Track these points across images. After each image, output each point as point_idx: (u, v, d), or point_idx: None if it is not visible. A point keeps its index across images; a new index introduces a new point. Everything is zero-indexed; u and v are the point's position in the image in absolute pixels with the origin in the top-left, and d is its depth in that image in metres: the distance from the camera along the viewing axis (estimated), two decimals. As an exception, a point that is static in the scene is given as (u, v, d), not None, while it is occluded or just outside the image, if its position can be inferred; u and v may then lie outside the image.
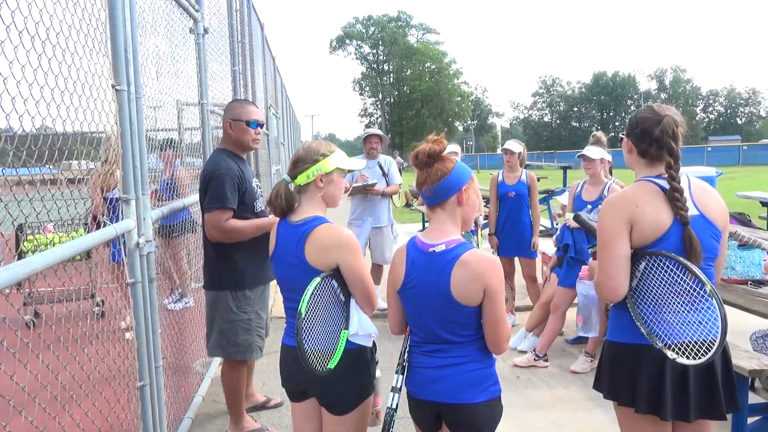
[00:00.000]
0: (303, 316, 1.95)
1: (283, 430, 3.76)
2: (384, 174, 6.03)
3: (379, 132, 6.07)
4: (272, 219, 3.35)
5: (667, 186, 2.09)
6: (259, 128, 3.40)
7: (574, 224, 4.27)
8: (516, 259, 5.71)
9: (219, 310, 3.34)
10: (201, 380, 4.22)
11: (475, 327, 2.04)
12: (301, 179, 2.22)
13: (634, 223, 2.08)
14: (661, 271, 2.06)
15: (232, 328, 3.33)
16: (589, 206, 4.64)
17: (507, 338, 2.06)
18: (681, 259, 2.01)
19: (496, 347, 2.05)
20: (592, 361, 4.60)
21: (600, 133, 5.36)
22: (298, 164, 2.22)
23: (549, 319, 4.86)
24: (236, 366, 3.47)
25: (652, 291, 2.11)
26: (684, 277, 2.01)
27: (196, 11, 4.25)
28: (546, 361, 4.77)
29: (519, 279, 5.85)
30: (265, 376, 4.60)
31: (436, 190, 2.04)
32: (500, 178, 5.69)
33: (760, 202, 8.23)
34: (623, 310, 2.19)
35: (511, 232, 5.59)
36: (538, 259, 5.89)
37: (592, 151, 4.72)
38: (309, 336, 1.99)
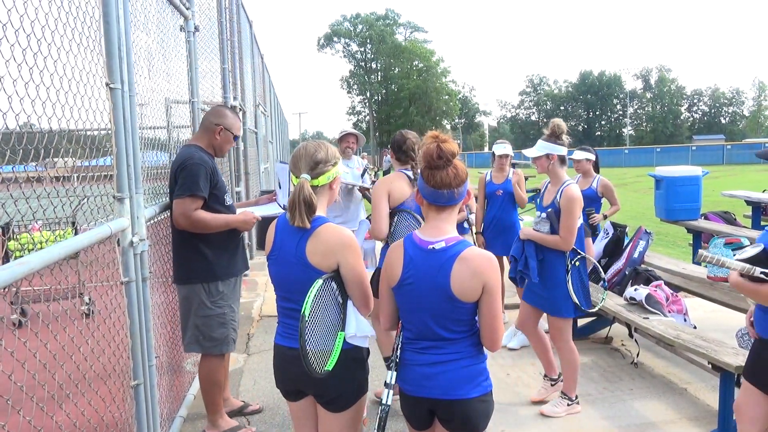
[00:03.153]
0: (306, 318, 1.96)
1: (273, 428, 3.76)
2: (362, 174, 6.00)
3: (356, 131, 5.98)
4: (240, 217, 3.39)
5: (411, 174, 3.73)
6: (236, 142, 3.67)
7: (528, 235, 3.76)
8: (504, 257, 5.74)
9: (193, 305, 3.36)
10: (192, 378, 4.22)
11: (469, 324, 2.07)
12: (323, 180, 2.21)
13: (390, 192, 3.63)
14: (403, 221, 3.64)
15: (207, 323, 3.36)
16: (543, 214, 3.82)
17: (502, 335, 2.09)
18: (413, 212, 3.57)
19: (492, 344, 2.08)
20: (569, 404, 3.91)
21: (558, 120, 3.90)
22: (320, 165, 2.20)
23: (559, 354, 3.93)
24: (214, 360, 3.47)
25: (399, 233, 3.59)
26: (414, 223, 3.54)
27: (187, 9, 4.24)
28: (578, 403, 3.94)
29: (506, 277, 5.90)
30: (257, 375, 4.60)
31: (460, 192, 2.09)
32: (488, 177, 5.73)
33: (745, 201, 8.33)
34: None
35: (500, 230, 5.63)
36: None
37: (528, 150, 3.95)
38: (310, 338, 2.00)
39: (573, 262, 3.73)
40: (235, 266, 3.48)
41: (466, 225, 5.41)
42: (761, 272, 2.27)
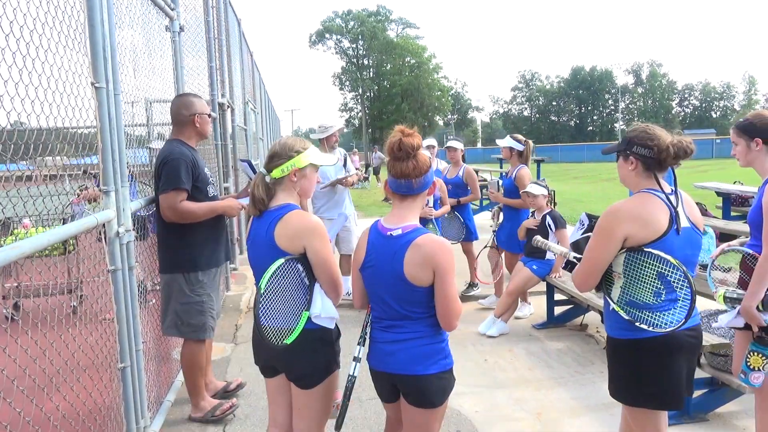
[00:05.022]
0: (261, 291, 2.15)
1: (258, 411, 3.92)
2: (344, 164, 6.38)
3: (330, 127, 6.35)
4: (225, 203, 3.59)
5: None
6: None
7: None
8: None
9: (173, 292, 3.53)
10: (180, 366, 4.37)
11: (427, 305, 2.22)
12: (276, 173, 2.38)
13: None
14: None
15: (186, 310, 3.53)
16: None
17: (457, 315, 2.23)
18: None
19: (447, 324, 2.23)
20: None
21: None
22: (274, 159, 2.39)
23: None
24: (194, 345, 3.63)
25: None
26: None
27: (172, 10, 4.38)
28: None
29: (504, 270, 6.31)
30: (243, 363, 4.76)
31: (419, 183, 2.24)
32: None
33: (716, 192, 8.52)
34: None
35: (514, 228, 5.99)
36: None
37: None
38: (267, 311, 2.17)
39: None
40: (216, 257, 3.64)
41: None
42: (574, 257, 2.59)
